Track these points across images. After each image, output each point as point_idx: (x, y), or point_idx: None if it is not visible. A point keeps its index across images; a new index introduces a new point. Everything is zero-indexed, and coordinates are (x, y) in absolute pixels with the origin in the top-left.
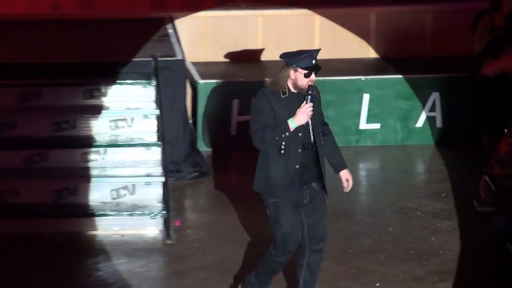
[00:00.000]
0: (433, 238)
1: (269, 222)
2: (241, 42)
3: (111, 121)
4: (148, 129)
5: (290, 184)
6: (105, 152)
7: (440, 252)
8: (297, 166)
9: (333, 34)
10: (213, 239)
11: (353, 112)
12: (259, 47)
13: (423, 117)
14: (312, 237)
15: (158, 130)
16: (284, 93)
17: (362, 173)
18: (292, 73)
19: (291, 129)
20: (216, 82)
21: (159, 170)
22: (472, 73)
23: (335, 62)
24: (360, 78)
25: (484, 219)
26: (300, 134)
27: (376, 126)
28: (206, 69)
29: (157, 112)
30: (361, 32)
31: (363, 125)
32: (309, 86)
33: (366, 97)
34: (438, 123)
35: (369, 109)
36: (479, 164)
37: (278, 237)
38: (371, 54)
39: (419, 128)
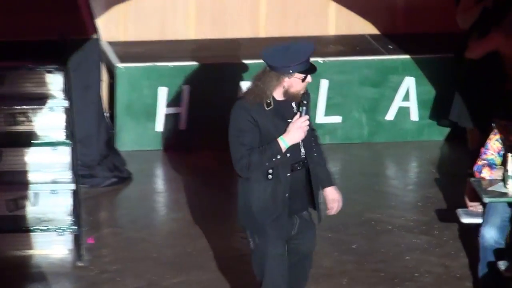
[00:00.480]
0: (407, 257)
1: (253, 259)
2: (170, 17)
3: (8, 114)
4: (55, 124)
5: (278, 216)
6: (0, 153)
7: (416, 274)
8: (286, 194)
9: (283, 6)
10: (135, 260)
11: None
12: (191, 23)
13: (394, 108)
14: (293, 279)
15: (67, 126)
16: (268, 104)
17: None
18: (286, 80)
19: (283, 150)
20: (138, 67)
21: (68, 175)
22: (458, 54)
23: (286, 41)
24: (317, 61)
25: (469, 232)
26: (288, 155)
27: (337, 119)
28: (126, 50)
29: (66, 103)
30: (318, 4)
31: (321, 118)
32: (303, 94)
33: (324, 84)
34: (413, 116)
35: (329, 99)
36: (464, 166)
37: (265, 276)
38: (331, 31)
39: (389, 121)
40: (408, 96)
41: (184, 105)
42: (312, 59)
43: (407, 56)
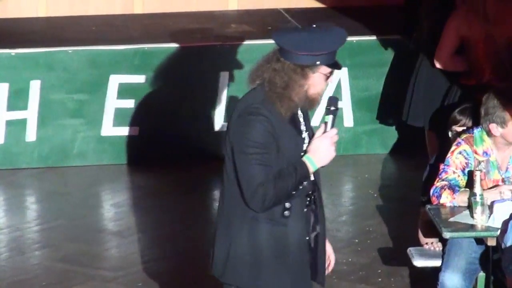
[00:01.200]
0: None
1: None
2: None
3: None
4: None
5: (295, 270)
6: None
7: None
8: (307, 238)
9: None
10: None
11: (206, 103)
12: None
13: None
14: None
15: None
16: (287, 111)
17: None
18: (311, 76)
19: (311, 174)
20: None
21: None
22: (407, 32)
23: (171, 19)
24: (215, 46)
25: (424, 279)
26: (306, 183)
27: None
28: None
29: None
30: None
31: (221, 123)
32: (331, 97)
33: (224, 77)
34: (347, 120)
35: (232, 97)
36: (416, 188)
37: None
38: (232, 5)
39: None
40: (339, 92)
41: (33, 108)
42: (208, 43)
43: None
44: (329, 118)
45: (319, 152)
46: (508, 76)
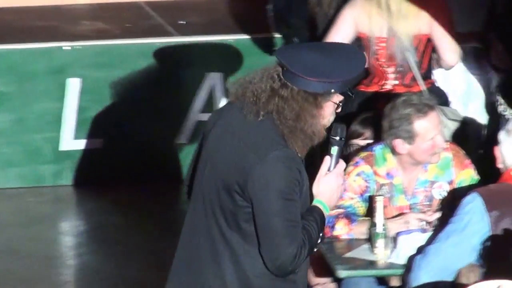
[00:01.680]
0: None
1: None
2: None
3: None
4: None
5: None
6: None
7: None
8: None
9: None
10: None
11: (53, 115)
12: None
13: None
14: None
15: None
16: (303, 148)
17: None
18: (324, 105)
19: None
20: None
21: None
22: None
23: (10, 15)
24: (60, 47)
25: None
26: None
27: (98, 144)
28: None
29: None
30: None
31: (69, 143)
32: (336, 125)
33: (74, 86)
34: None
35: (83, 110)
36: None
37: None
38: None
39: None
40: (211, 104)
41: None
42: (55, 44)
43: (209, 38)
44: (335, 150)
45: (330, 193)
46: (415, 82)
